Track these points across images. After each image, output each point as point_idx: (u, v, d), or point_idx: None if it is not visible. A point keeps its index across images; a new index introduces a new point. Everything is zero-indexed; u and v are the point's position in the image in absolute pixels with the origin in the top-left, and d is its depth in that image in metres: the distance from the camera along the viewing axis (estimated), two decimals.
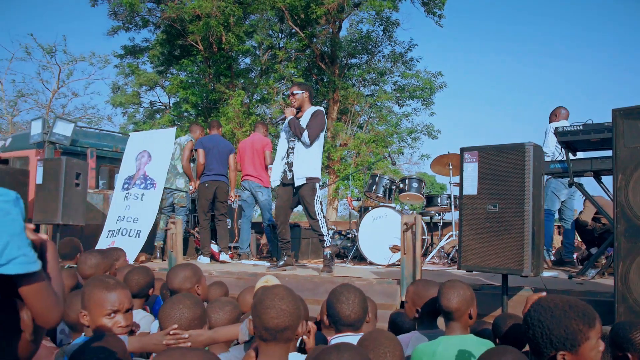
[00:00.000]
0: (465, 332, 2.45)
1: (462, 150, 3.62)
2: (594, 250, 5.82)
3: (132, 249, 6.06)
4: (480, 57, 64.05)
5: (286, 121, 5.34)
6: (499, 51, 64.78)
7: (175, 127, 7.73)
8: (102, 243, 6.44)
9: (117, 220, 6.69)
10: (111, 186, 8.30)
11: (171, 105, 23.24)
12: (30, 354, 1.41)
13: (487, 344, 2.32)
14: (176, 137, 7.03)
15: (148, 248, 6.83)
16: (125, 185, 6.93)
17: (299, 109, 5.37)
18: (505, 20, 61.15)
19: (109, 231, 6.66)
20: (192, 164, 6.91)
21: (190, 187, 6.84)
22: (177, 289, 2.88)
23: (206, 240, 6.63)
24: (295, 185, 5.22)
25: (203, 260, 6.44)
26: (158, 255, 6.74)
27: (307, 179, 5.16)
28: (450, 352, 2.24)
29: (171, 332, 2.29)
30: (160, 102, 24.92)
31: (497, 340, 2.63)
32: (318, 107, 5.35)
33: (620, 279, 2.96)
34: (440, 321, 2.64)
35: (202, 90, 19.51)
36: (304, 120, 5.25)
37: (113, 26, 21.07)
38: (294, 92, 5.39)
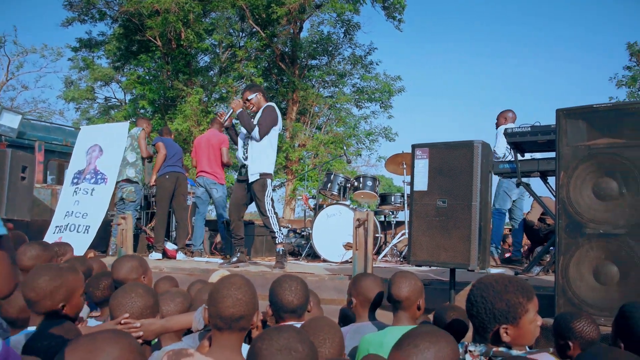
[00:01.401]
0: (413, 324, 2.49)
1: (414, 147, 3.69)
2: (539, 250, 6.00)
3: (80, 245, 5.88)
4: (438, 60, 64.90)
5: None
6: (456, 53, 65.88)
7: (129, 121, 7.55)
8: (49, 239, 6.21)
9: (66, 215, 6.48)
10: (60, 181, 8.05)
11: (127, 101, 22.70)
12: None
13: None
14: None
15: (99, 245, 6.66)
16: (75, 180, 6.72)
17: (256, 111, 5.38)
18: (464, 22, 62.23)
19: (56, 227, 6.45)
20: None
21: (140, 175, 6.73)
22: (122, 279, 2.82)
23: (161, 236, 6.49)
24: (250, 181, 5.21)
25: (154, 257, 6.31)
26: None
27: (261, 174, 5.17)
28: None
29: (122, 322, 2.24)
30: (115, 98, 24.35)
31: None
32: (269, 103, 5.36)
33: (561, 273, 3.08)
34: (381, 314, 2.68)
35: (159, 87, 19.14)
36: (257, 117, 5.27)
37: (68, 17, 20.43)
38: (248, 97, 5.37)
